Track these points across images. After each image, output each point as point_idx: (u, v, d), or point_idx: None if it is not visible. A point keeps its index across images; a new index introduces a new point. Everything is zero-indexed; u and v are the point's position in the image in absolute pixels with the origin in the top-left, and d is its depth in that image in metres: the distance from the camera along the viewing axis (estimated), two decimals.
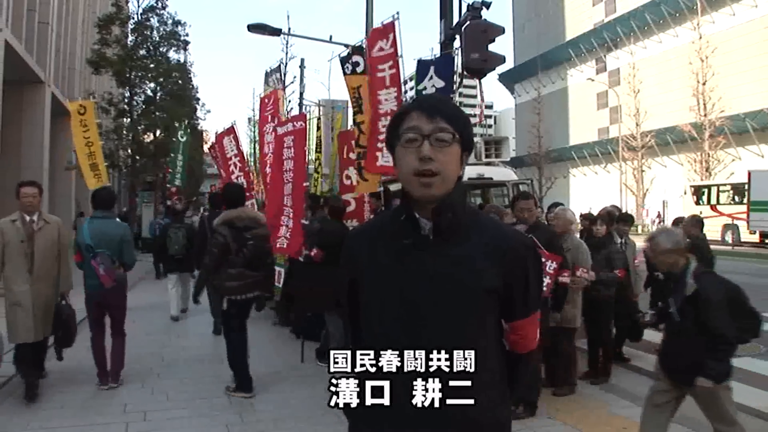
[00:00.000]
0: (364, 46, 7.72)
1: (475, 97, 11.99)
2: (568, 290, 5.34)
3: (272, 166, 7.73)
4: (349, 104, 7.78)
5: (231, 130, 11.46)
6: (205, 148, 31.18)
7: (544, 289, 4.88)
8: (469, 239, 1.62)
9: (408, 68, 8.11)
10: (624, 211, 8.40)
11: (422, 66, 7.92)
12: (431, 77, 7.71)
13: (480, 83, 11.04)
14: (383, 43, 7.20)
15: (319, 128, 12.49)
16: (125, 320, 6.25)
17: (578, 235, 6.64)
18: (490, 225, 1.71)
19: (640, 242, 6.45)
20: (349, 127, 10.02)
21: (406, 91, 8.25)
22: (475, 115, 12.25)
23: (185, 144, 18.84)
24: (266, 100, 10.27)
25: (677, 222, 7.68)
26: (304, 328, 7.29)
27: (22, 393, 5.45)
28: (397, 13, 7.34)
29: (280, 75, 11.55)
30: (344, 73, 7.59)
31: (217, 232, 5.72)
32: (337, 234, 6.20)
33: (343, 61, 7.69)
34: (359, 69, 7.49)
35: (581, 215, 8.23)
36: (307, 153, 7.88)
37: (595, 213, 7.80)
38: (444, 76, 7.25)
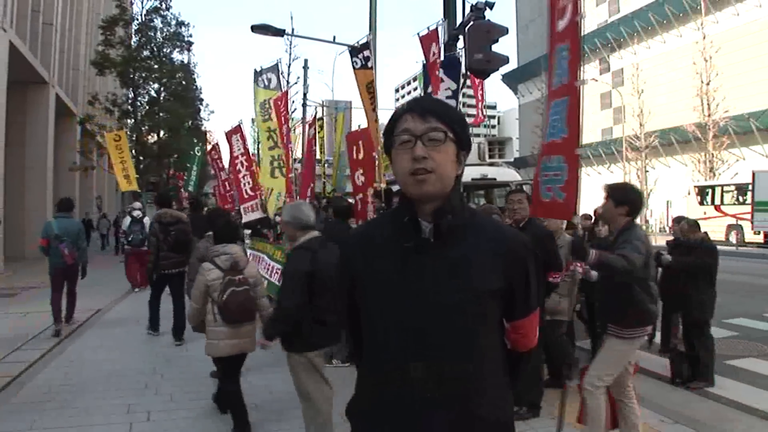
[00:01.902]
0: (369, 42, 7.79)
1: (472, 97, 11.96)
2: (556, 285, 5.32)
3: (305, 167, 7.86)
4: (358, 101, 7.84)
5: (238, 129, 11.48)
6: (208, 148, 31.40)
7: None
8: (469, 240, 1.63)
9: (409, 69, 8.15)
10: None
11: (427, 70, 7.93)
12: (442, 80, 7.72)
13: (482, 84, 11.04)
14: (434, 47, 7.25)
15: (321, 128, 12.51)
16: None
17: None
18: (489, 226, 1.71)
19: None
20: (357, 126, 10.11)
21: (409, 92, 8.30)
22: (473, 116, 12.23)
23: (200, 157, 21.37)
24: (279, 102, 10.42)
25: (678, 221, 7.67)
26: None
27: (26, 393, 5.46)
28: (442, 19, 7.38)
29: (277, 74, 11.59)
30: (353, 67, 7.55)
31: (152, 227, 8.12)
32: (341, 236, 6.20)
33: (353, 53, 7.66)
34: (370, 64, 7.49)
35: (582, 215, 8.22)
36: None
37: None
38: (454, 77, 7.26)
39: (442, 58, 7.28)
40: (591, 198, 9.15)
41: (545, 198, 4.24)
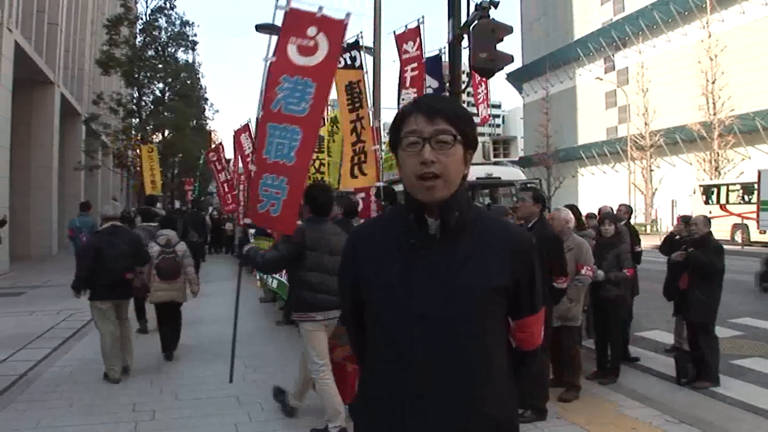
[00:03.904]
0: (360, 40, 7.74)
1: (471, 95, 11.90)
2: (563, 291, 5.30)
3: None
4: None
5: (246, 128, 11.50)
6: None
7: None
8: (475, 237, 1.62)
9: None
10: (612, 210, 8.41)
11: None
12: (424, 78, 7.77)
13: (487, 83, 11.03)
14: (408, 46, 7.23)
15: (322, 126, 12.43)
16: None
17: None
18: (494, 223, 1.70)
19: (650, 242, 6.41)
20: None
21: (405, 95, 8.30)
22: (478, 115, 12.20)
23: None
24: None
25: (685, 220, 7.65)
26: None
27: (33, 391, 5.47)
28: (422, 17, 7.39)
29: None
30: (341, 66, 7.42)
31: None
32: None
33: (343, 51, 7.61)
34: (357, 63, 7.46)
35: (587, 215, 8.20)
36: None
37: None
38: (437, 76, 7.28)
39: (424, 56, 7.30)
40: (597, 197, 9.13)
41: (261, 209, 4.77)
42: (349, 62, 7.35)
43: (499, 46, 7.10)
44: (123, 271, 6.30)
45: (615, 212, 7.93)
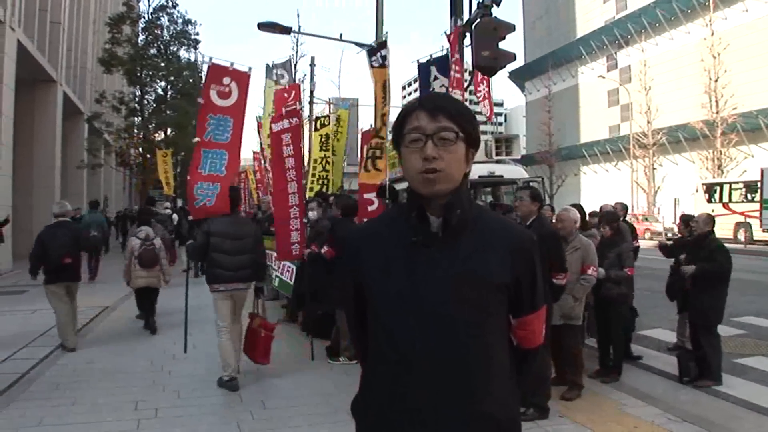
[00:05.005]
0: (386, 39, 7.90)
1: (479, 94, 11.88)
2: (563, 287, 5.29)
3: (273, 168, 7.82)
4: (364, 99, 7.95)
5: (259, 125, 11.46)
6: None
7: None
8: (477, 235, 1.62)
9: (413, 69, 8.22)
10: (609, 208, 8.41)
11: (423, 69, 8.03)
12: (436, 78, 7.79)
13: (489, 81, 11.02)
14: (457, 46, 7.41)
15: (325, 125, 12.41)
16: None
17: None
18: (495, 221, 1.71)
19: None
20: (362, 126, 10.05)
21: (410, 93, 8.37)
22: (482, 113, 12.17)
23: None
24: (285, 94, 10.16)
25: (684, 220, 7.65)
26: (314, 325, 7.29)
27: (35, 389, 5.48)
28: (459, 19, 7.47)
29: (291, 70, 11.47)
30: (371, 66, 7.64)
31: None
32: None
33: (370, 54, 7.76)
34: (387, 62, 7.56)
35: (590, 214, 8.19)
36: (302, 150, 7.92)
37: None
38: (446, 75, 7.31)
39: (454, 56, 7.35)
40: (599, 195, 9.12)
41: (197, 205, 6.40)
42: (381, 62, 7.51)
43: (502, 45, 7.09)
44: (63, 257, 7.34)
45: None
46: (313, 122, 13.10)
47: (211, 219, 6.10)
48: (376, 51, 7.66)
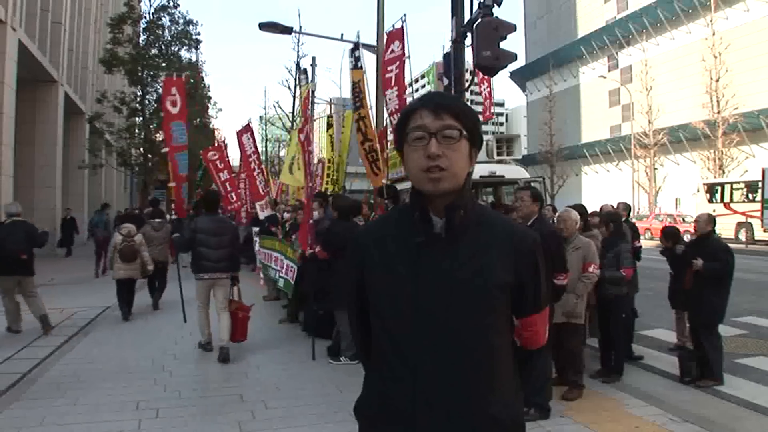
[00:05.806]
0: (358, 40, 7.90)
1: (480, 94, 11.90)
2: (564, 287, 5.29)
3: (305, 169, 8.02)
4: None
5: (248, 128, 11.47)
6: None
7: None
8: (479, 236, 1.62)
9: (415, 68, 8.23)
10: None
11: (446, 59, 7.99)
12: (404, 78, 7.83)
13: (490, 81, 11.01)
14: (395, 45, 7.30)
15: (330, 126, 12.41)
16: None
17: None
18: (498, 221, 1.70)
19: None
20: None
21: (417, 89, 8.38)
22: (482, 112, 12.18)
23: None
24: (307, 100, 10.43)
25: (669, 233, 7.64)
26: (315, 326, 7.29)
27: (37, 389, 5.48)
28: (404, 15, 7.40)
29: (309, 73, 11.53)
30: (350, 67, 7.69)
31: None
32: (344, 234, 6.21)
33: (351, 54, 7.81)
34: (359, 64, 7.57)
35: (591, 213, 8.18)
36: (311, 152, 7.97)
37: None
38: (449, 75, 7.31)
39: (406, 54, 7.38)
40: (600, 195, 9.12)
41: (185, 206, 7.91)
42: (354, 63, 7.48)
43: (503, 44, 7.08)
44: (18, 252, 7.89)
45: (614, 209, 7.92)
46: (324, 122, 13.08)
47: (196, 218, 7.11)
48: (351, 53, 7.67)
